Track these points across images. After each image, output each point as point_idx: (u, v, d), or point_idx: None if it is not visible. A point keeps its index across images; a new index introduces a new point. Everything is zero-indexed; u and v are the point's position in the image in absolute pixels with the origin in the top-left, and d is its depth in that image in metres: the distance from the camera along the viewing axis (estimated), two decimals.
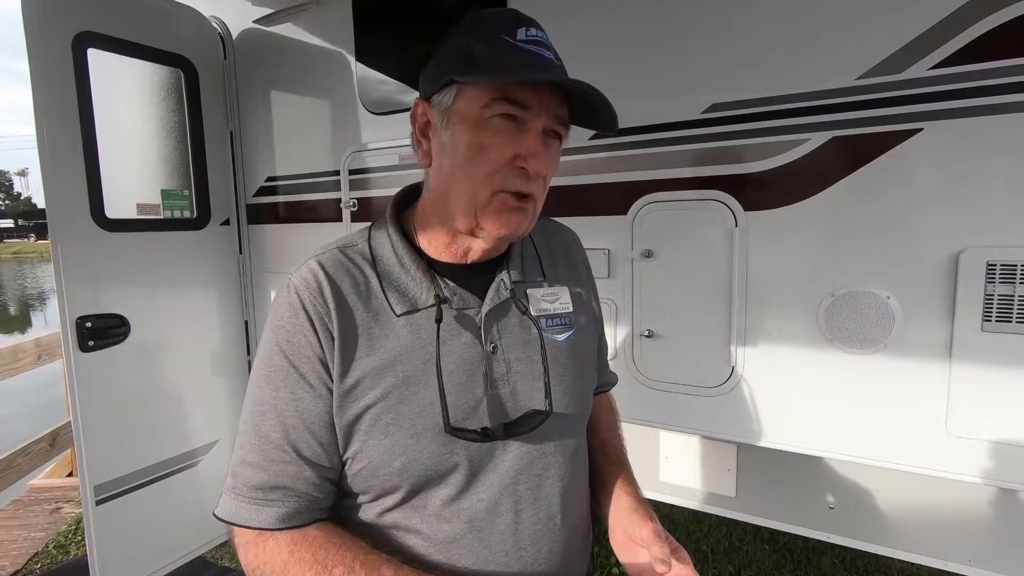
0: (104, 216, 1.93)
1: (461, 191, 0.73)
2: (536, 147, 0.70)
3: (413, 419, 0.72)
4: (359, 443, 0.73)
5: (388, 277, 0.78)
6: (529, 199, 0.73)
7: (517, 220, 0.73)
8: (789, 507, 1.74)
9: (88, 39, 1.86)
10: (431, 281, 0.77)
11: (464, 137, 0.71)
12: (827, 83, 1.32)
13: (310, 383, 0.72)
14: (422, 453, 0.72)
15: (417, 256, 0.79)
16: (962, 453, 1.27)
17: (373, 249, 0.80)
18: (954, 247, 1.23)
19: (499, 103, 0.69)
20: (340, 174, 2.09)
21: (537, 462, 0.78)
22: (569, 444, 0.82)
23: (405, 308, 0.76)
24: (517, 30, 0.70)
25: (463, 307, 0.78)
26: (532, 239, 0.89)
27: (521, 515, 0.77)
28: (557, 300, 0.85)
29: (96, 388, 1.92)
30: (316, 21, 2.10)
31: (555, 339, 0.83)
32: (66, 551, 2.90)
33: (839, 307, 1.35)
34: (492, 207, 0.72)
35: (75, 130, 1.84)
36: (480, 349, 0.77)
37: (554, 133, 0.74)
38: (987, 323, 1.20)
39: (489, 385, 0.76)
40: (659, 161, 1.53)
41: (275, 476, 0.72)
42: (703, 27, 1.45)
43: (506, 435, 0.75)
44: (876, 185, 1.30)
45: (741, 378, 1.50)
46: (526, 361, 0.79)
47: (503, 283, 0.80)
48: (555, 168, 0.76)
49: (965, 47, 1.18)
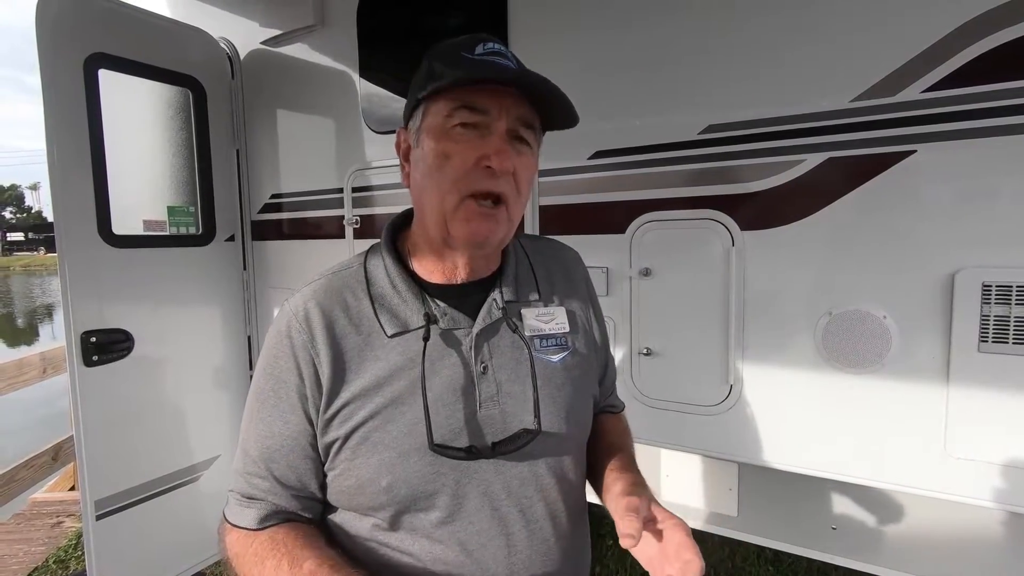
0: (111, 232, 1.96)
1: (431, 200, 0.74)
2: (500, 145, 0.70)
3: (400, 438, 0.73)
4: (347, 461, 0.74)
5: (381, 299, 0.79)
6: (500, 205, 0.72)
7: (487, 227, 0.73)
8: (792, 527, 1.73)
9: (99, 60, 1.91)
10: (421, 302, 0.78)
11: (431, 148, 0.73)
12: (822, 105, 1.34)
13: (289, 411, 0.75)
14: (408, 472, 0.72)
15: (409, 278, 0.80)
16: (961, 474, 1.27)
17: (368, 272, 0.81)
18: (950, 267, 1.23)
19: (459, 111, 0.71)
20: (343, 191, 2.12)
21: (529, 484, 0.77)
22: (563, 466, 0.81)
23: (396, 329, 0.77)
24: (476, 46, 0.72)
25: (453, 327, 0.78)
26: (529, 258, 0.88)
27: (513, 538, 0.76)
28: (553, 320, 0.84)
29: (99, 403, 1.93)
30: (322, 42, 2.14)
31: (549, 359, 0.82)
32: (66, 566, 2.90)
33: (836, 327, 1.35)
34: (460, 214, 0.72)
35: (84, 148, 1.88)
36: (470, 369, 0.77)
37: (521, 139, 0.73)
38: (983, 344, 1.20)
39: (479, 405, 0.76)
40: (657, 181, 1.55)
41: (252, 488, 0.77)
42: (699, 49, 1.48)
43: (493, 454, 0.74)
44: (871, 205, 1.31)
45: (740, 397, 1.50)
46: (517, 381, 0.78)
47: (495, 303, 0.80)
48: (530, 173, 0.75)
49: (957, 70, 1.20)
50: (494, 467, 0.76)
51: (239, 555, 0.74)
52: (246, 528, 0.75)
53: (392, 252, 0.82)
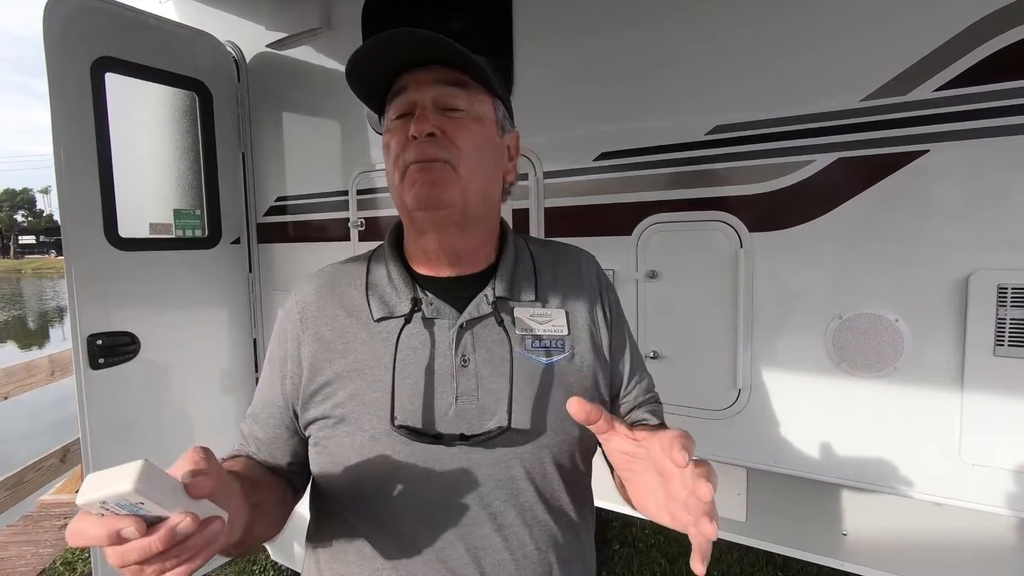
0: (117, 235, 1.96)
1: (390, 187, 0.79)
2: (419, 115, 0.74)
3: (373, 421, 0.74)
4: (325, 439, 0.77)
5: (374, 287, 0.82)
6: (437, 163, 0.73)
7: (428, 184, 0.74)
8: (801, 533, 1.70)
9: (106, 64, 1.92)
10: (410, 289, 0.80)
11: (383, 145, 0.80)
12: (831, 104, 1.32)
13: (275, 383, 0.82)
14: (377, 455, 0.74)
15: (403, 268, 0.83)
16: (976, 480, 1.24)
17: (371, 262, 0.86)
18: (964, 269, 1.21)
19: (391, 106, 0.78)
20: (348, 194, 2.12)
21: (502, 487, 0.75)
22: (542, 471, 0.77)
23: (382, 314, 0.79)
24: None
25: (437, 316, 0.79)
26: (533, 258, 0.87)
27: (484, 540, 0.74)
28: (549, 322, 0.82)
29: (105, 405, 1.93)
30: (327, 45, 2.14)
31: (538, 360, 0.79)
32: (73, 568, 2.91)
33: (847, 330, 1.33)
34: (406, 185, 0.75)
35: (91, 151, 1.89)
36: (451, 361, 0.77)
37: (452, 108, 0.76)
38: (999, 347, 1.18)
39: (456, 398, 0.76)
40: (663, 182, 1.53)
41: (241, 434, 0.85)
42: (707, 48, 1.46)
43: (459, 442, 0.73)
44: (883, 206, 1.28)
45: (748, 401, 1.48)
46: (499, 378, 0.76)
47: (486, 297, 0.80)
48: (470, 132, 0.76)
49: (971, 68, 1.18)
50: (465, 464, 0.74)
51: None
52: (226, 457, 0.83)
53: (393, 246, 0.86)
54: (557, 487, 0.79)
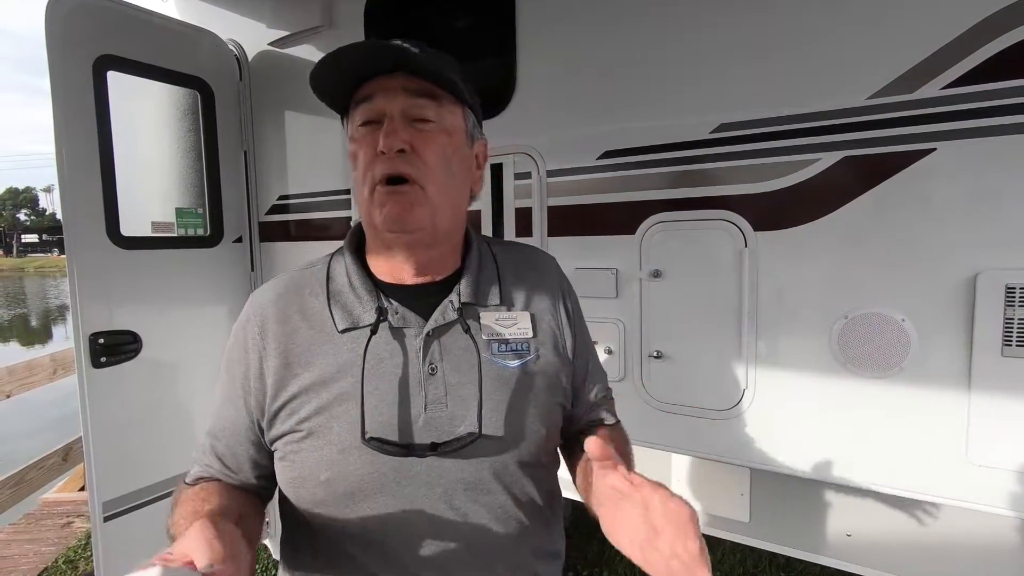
0: (119, 234, 1.96)
1: (357, 198, 0.77)
2: (387, 127, 0.71)
3: (342, 434, 0.73)
4: (292, 454, 0.76)
5: (337, 296, 0.80)
6: (409, 183, 0.72)
7: (399, 206, 0.73)
8: (805, 534, 1.69)
9: (108, 62, 1.91)
10: (374, 298, 0.78)
11: (349, 152, 0.77)
12: (837, 103, 1.31)
13: (235, 398, 0.80)
14: (347, 468, 0.73)
15: (366, 276, 0.81)
16: (983, 482, 1.23)
17: (330, 269, 0.83)
18: (971, 269, 1.20)
19: (356, 111, 0.75)
20: (350, 193, 2.11)
21: (473, 490, 0.76)
22: (512, 474, 0.78)
23: (346, 325, 0.77)
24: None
25: (404, 326, 0.78)
26: (496, 261, 0.87)
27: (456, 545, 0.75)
28: (514, 325, 0.82)
29: (107, 404, 1.93)
30: (329, 43, 2.13)
31: (505, 364, 0.79)
32: (75, 566, 2.91)
33: (852, 330, 1.32)
34: (375, 202, 0.74)
35: (93, 150, 1.88)
36: (419, 369, 0.76)
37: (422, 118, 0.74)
38: (1007, 348, 1.17)
39: (425, 407, 0.75)
40: (667, 181, 1.53)
41: (199, 453, 0.83)
42: (711, 46, 1.45)
43: (430, 452, 0.73)
44: (889, 205, 1.27)
45: (752, 401, 1.47)
46: (468, 385, 0.76)
47: (451, 304, 0.79)
48: (437, 146, 0.74)
49: (980, 66, 1.17)
50: (437, 472, 0.74)
51: (174, 500, 0.80)
52: (185, 481, 0.82)
53: (353, 252, 0.83)
54: (527, 484, 0.80)
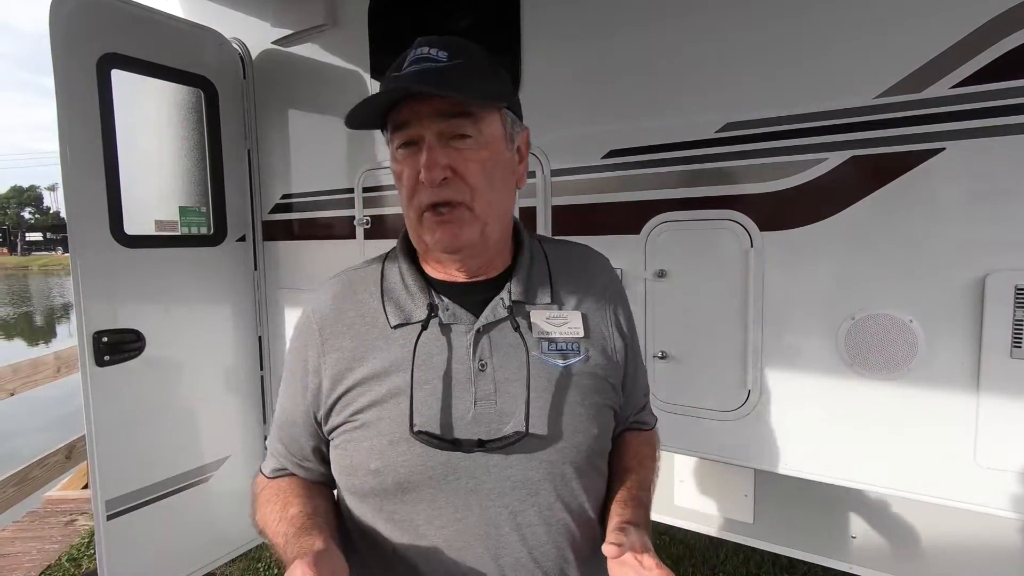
0: (123, 232, 1.96)
1: (406, 219, 0.79)
2: (425, 157, 0.71)
3: (392, 427, 0.75)
4: (345, 444, 0.79)
5: (390, 293, 0.82)
6: (457, 207, 0.73)
7: (450, 231, 0.74)
8: (809, 535, 1.69)
9: (112, 60, 1.91)
10: (426, 295, 0.80)
11: (392, 172, 0.79)
12: (845, 102, 1.30)
13: (296, 393, 0.84)
14: (396, 459, 0.75)
15: (418, 273, 0.83)
16: (991, 484, 1.22)
17: (384, 268, 0.86)
18: (980, 270, 1.19)
19: (395, 135, 0.75)
20: (354, 192, 2.11)
21: (520, 488, 0.76)
22: (562, 473, 0.78)
23: (399, 320, 0.80)
24: (406, 58, 0.73)
25: (454, 322, 0.79)
26: (547, 260, 0.87)
27: (503, 539, 0.76)
28: (565, 324, 0.82)
29: (110, 402, 1.93)
30: (333, 41, 2.13)
31: (554, 363, 0.80)
32: (79, 564, 2.91)
33: (859, 331, 1.31)
34: (425, 227, 0.76)
35: (97, 148, 1.88)
36: (468, 365, 0.77)
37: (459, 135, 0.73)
38: (1016, 349, 1.16)
39: (475, 402, 0.76)
40: (673, 180, 1.52)
41: (272, 445, 0.90)
42: (718, 44, 1.44)
43: (478, 449, 0.74)
44: (897, 205, 1.26)
45: (758, 402, 1.46)
46: (517, 382, 0.77)
47: (501, 302, 0.80)
48: (478, 164, 0.74)
49: (989, 65, 1.16)
50: (484, 467, 0.75)
51: (255, 494, 0.88)
52: (264, 475, 0.90)
53: (406, 251, 0.85)
54: (575, 487, 0.80)
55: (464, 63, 0.73)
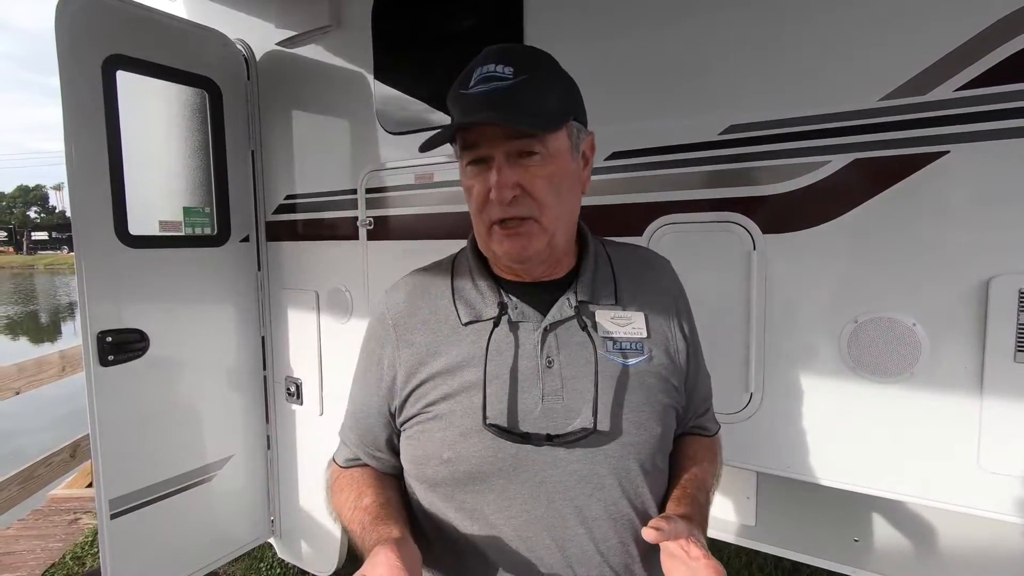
0: (127, 233, 1.97)
1: (475, 229, 0.84)
2: (495, 177, 0.75)
3: (465, 419, 0.79)
4: (418, 434, 0.84)
5: (460, 291, 0.87)
6: (525, 222, 0.77)
7: (519, 244, 0.78)
8: (812, 538, 1.68)
9: (117, 62, 1.92)
10: (496, 294, 0.83)
11: (462, 185, 0.82)
12: (848, 104, 1.29)
13: (370, 386, 0.89)
14: (468, 450, 0.79)
15: (487, 273, 0.87)
16: (995, 489, 1.21)
17: (455, 266, 0.91)
18: (984, 274, 1.18)
19: (464, 152, 0.79)
20: (357, 192, 2.11)
21: (586, 482, 0.79)
22: (626, 469, 0.80)
23: (470, 318, 0.84)
24: (472, 75, 0.75)
25: (522, 320, 0.82)
26: (611, 262, 0.90)
27: (568, 531, 0.78)
28: (629, 324, 0.85)
29: (114, 402, 1.94)
30: (337, 43, 2.14)
31: (620, 362, 0.82)
32: (82, 563, 2.93)
33: (862, 334, 1.30)
34: (493, 239, 0.80)
35: (102, 149, 1.89)
36: (536, 362, 0.80)
37: (528, 152, 0.75)
38: (1020, 353, 1.15)
39: (542, 397, 0.79)
40: (675, 182, 1.51)
41: (345, 435, 0.96)
42: (720, 46, 1.44)
43: (546, 443, 0.77)
44: (901, 208, 1.26)
45: (760, 405, 1.46)
46: (583, 379, 0.80)
47: (568, 301, 0.83)
48: (545, 180, 0.77)
49: (994, 68, 1.15)
50: (551, 460, 0.78)
51: (331, 483, 0.95)
52: (338, 464, 0.96)
53: (475, 251, 0.89)
54: (640, 483, 0.82)
55: (529, 79, 0.74)
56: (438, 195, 1.89)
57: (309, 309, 2.29)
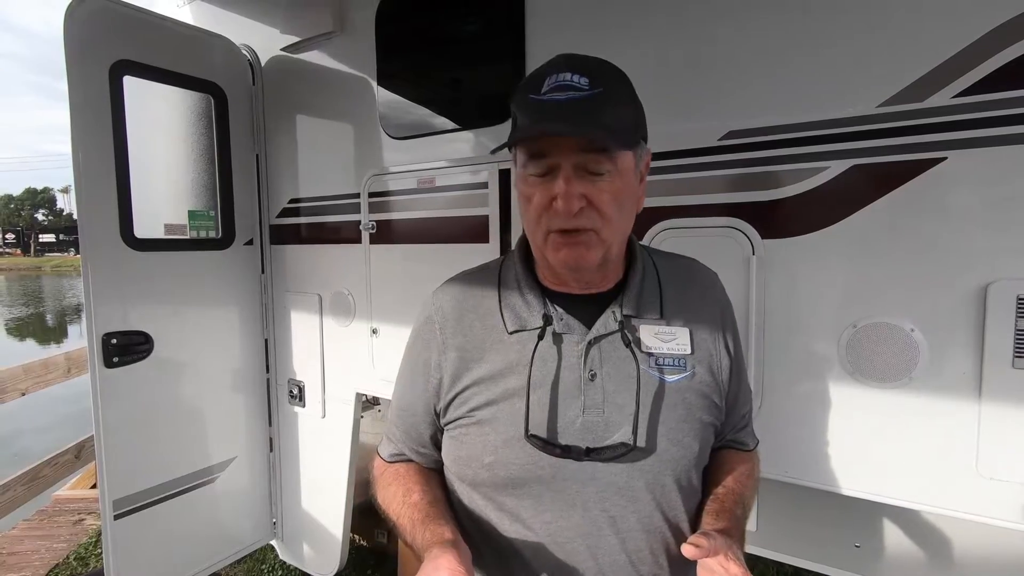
0: (133, 236, 1.99)
1: (529, 235, 0.84)
2: (563, 188, 0.73)
3: (507, 427, 0.81)
4: (461, 436, 0.85)
5: (507, 299, 0.87)
6: (585, 232, 0.76)
7: (576, 253, 0.78)
8: (813, 544, 1.68)
9: (125, 67, 1.95)
10: (542, 305, 0.84)
11: (518, 190, 0.82)
12: (847, 111, 1.30)
13: (417, 385, 0.91)
14: (509, 456, 0.80)
15: (534, 282, 0.87)
16: (994, 495, 1.21)
17: (502, 273, 0.91)
18: (982, 279, 1.18)
19: (529, 163, 0.77)
20: (360, 196, 2.13)
21: (622, 495, 0.79)
22: (662, 484, 0.81)
23: (516, 327, 0.84)
24: (545, 81, 0.74)
25: (567, 332, 0.82)
26: (659, 276, 0.89)
27: (603, 540, 0.79)
28: (673, 340, 0.84)
29: (118, 404, 1.96)
30: (340, 49, 2.16)
31: (662, 378, 0.82)
32: (86, 563, 2.95)
33: (861, 339, 1.31)
34: (549, 246, 0.79)
35: (108, 153, 1.92)
36: (579, 375, 0.80)
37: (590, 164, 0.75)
38: (1019, 359, 1.15)
39: (583, 410, 0.80)
40: (674, 187, 1.52)
41: (390, 431, 0.98)
42: (720, 52, 1.45)
43: (585, 457, 0.78)
44: (899, 214, 1.26)
45: (759, 410, 1.46)
46: (625, 393, 0.80)
47: (613, 315, 0.83)
48: (610, 195, 0.76)
49: (992, 75, 1.15)
50: (589, 473, 0.79)
51: (376, 477, 0.97)
52: (383, 459, 0.98)
53: (523, 259, 0.90)
54: (674, 499, 0.83)
55: (604, 92, 0.73)
56: (440, 199, 1.90)
57: (312, 312, 2.31)
